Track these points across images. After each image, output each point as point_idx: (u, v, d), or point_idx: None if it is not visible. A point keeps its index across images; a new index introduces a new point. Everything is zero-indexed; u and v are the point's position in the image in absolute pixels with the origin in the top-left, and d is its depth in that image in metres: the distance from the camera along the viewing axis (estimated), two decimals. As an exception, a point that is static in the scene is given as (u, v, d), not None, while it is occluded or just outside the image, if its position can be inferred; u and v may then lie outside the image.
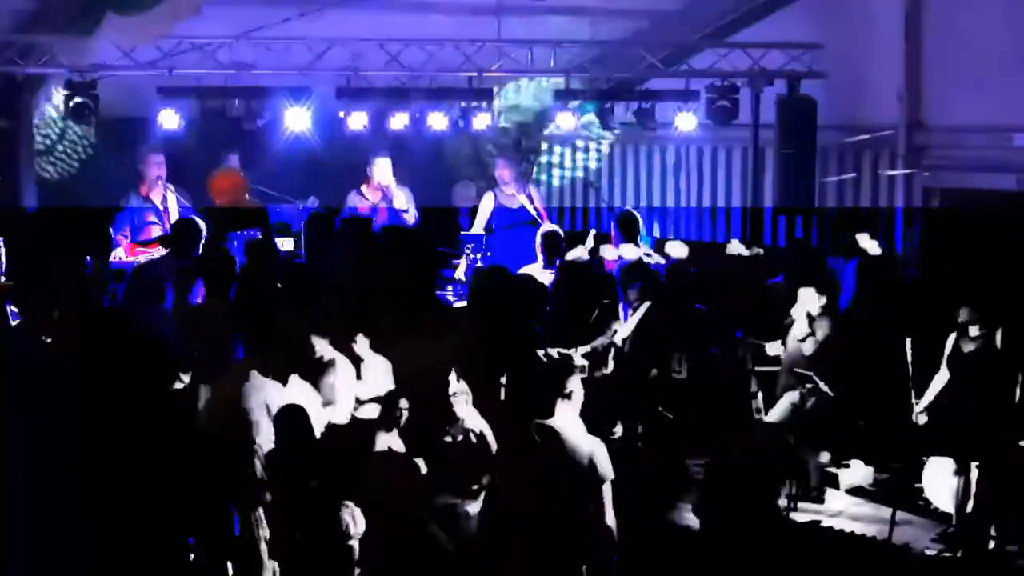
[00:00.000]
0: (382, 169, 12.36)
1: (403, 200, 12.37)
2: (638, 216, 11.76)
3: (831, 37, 12.70)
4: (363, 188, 12.39)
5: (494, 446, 7.70)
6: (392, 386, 7.81)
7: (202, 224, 10.13)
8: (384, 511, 6.88)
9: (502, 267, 9.88)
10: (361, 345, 8.24)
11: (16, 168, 12.03)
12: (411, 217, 12.39)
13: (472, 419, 7.77)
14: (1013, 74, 11.36)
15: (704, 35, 13.75)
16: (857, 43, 12.71)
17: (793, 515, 9.30)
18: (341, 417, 7.90)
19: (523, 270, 10.48)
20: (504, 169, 12.76)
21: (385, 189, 12.33)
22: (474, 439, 7.75)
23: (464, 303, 10.20)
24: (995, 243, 10.82)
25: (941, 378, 9.36)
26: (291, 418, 6.93)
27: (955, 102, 11.98)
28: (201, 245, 9.89)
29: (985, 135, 11.68)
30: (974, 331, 9.08)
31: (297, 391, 7.52)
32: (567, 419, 6.30)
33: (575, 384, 6.34)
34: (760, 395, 10.42)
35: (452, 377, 7.74)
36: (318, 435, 7.18)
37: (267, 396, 7.33)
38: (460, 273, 11.79)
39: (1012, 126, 11.44)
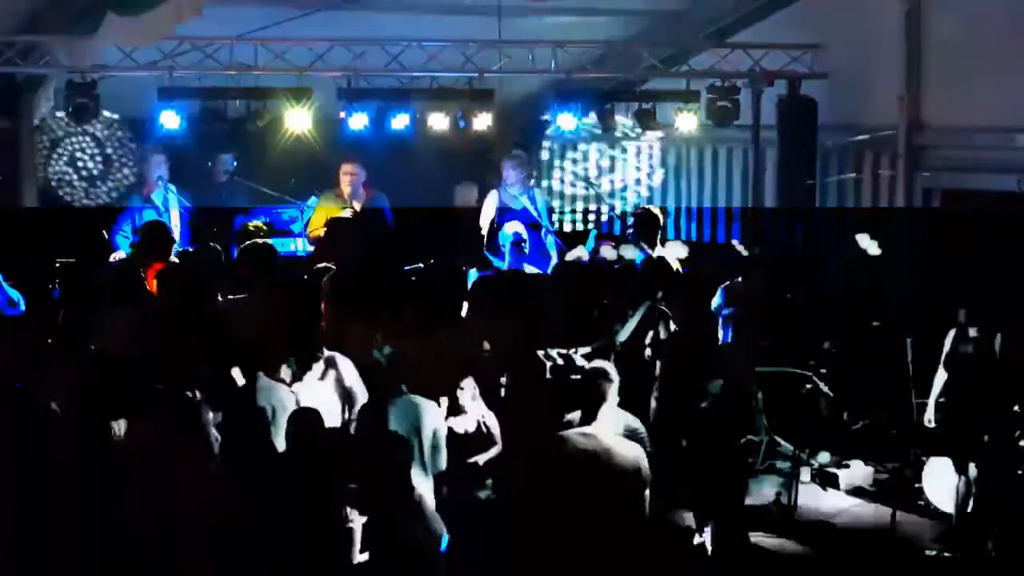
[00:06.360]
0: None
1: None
2: (658, 214, 11.54)
3: (831, 38, 12.71)
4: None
5: (498, 436, 7.95)
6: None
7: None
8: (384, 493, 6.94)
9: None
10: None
11: (16, 168, 12.04)
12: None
13: (480, 410, 7.95)
14: (1013, 74, 11.35)
15: (704, 35, 13.75)
16: (857, 43, 12.70)
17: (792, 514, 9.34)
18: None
19: None
20: (510, 169, 12.77)
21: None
22: (484, 429, 8.00)
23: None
24: (995, 243, 10.82)
25: (941, 378, 9.37)
26: (304, 422, 6.94)
27: (955, 102, 11.98)
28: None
29: (985, 135, 11.68)
30: (973, 332, 9.10)
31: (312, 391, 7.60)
32: (607, 424, 6.54)
33: (614, 392, 6.61)
34: (760, 395, 10.44)
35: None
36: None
37: (278, 398, 7.38)
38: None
39: (1012, 126, 11.43)
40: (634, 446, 6.71)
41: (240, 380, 7.50)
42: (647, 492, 6.60)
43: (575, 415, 7.45)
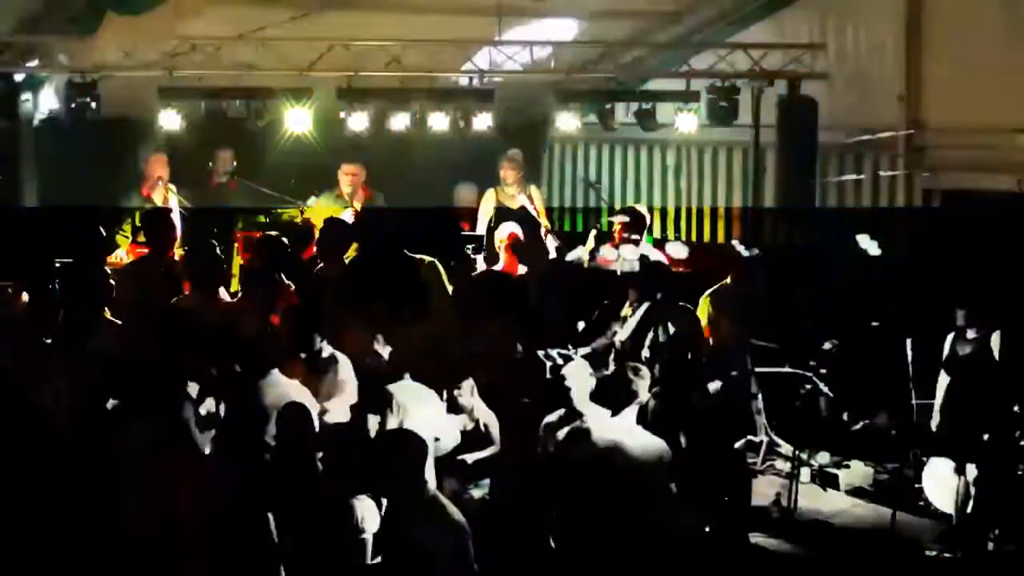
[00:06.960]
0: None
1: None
2: (644, 213, 11.68)
3: (832, 38, 12.71)
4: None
5: (496, 435, 8.04)
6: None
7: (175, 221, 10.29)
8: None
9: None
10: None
11: (16, 168, 12.04)
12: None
13: (478, 409, 7.99)
14: (1013, 74, 11.36)
15: (704, 35, 13.75)
16: (857, 43, 12.72)
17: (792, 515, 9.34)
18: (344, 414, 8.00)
19: None
20: (508, 170, 12.76)
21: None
22: (481, 428, 8.08)
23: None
24: (995, 243, 10.82)
25: (944, 382, 9.37)
26: (291, 416, 6.97)
27: (955, 102, 11.98)
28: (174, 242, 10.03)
29: (985, 135, 11.68)
30: (971, 332, 9.11)
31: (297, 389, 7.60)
32: (632, 422, 6.58)
33: (645, 389, 6.66)
34: (760, 395, 10.44)
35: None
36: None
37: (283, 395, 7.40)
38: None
39: (1012, 126, 11.43)
40: (656, 438, 6.71)
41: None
42: (671, 485, 6.65)
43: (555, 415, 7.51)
